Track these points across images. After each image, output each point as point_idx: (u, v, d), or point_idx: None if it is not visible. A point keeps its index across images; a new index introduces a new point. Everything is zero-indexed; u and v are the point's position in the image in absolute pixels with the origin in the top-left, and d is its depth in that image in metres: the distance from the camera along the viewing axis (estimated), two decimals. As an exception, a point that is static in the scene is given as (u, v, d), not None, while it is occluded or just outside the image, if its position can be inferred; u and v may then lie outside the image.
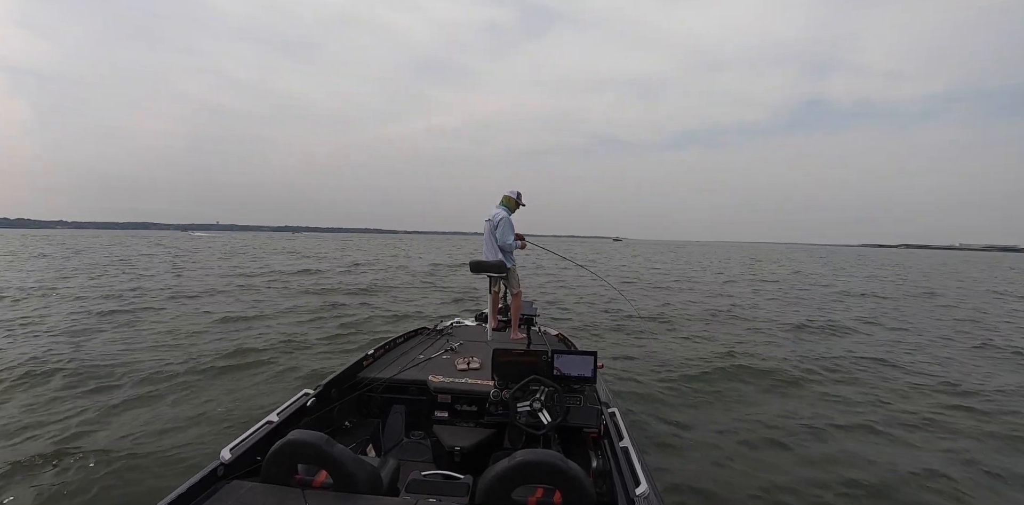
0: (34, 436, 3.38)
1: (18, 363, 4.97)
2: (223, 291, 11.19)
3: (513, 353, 2.45)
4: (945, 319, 9.90)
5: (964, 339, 7.71)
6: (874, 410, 4.27)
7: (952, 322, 9.53)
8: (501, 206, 4.56)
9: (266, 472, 1.63)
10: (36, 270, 15.85)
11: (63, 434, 3.40)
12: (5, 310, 8.23)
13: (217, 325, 7.33)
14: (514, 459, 1.48)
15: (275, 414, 2.17)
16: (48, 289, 10.96)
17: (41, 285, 11.70)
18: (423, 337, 4.16)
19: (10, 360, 5.08)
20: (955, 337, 7.87)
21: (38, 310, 8.28)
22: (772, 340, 7.24)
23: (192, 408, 3.95)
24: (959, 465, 3.28)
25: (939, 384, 5.08)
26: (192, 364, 5.10)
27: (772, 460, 3.30)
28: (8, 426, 3.53)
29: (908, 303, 12.51)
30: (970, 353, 6.75)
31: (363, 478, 1.57)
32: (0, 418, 3.68)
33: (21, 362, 5.00)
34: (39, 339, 6.19)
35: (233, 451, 1.80)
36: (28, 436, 3.38)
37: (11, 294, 10.00)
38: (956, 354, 6.63)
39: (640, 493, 1.57)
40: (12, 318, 7.51)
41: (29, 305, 8.85)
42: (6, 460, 2.99)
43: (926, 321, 9.55)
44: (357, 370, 3.02)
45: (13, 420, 3.64)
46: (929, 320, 9.71)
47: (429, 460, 2.70)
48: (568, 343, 4.08)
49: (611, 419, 2.20)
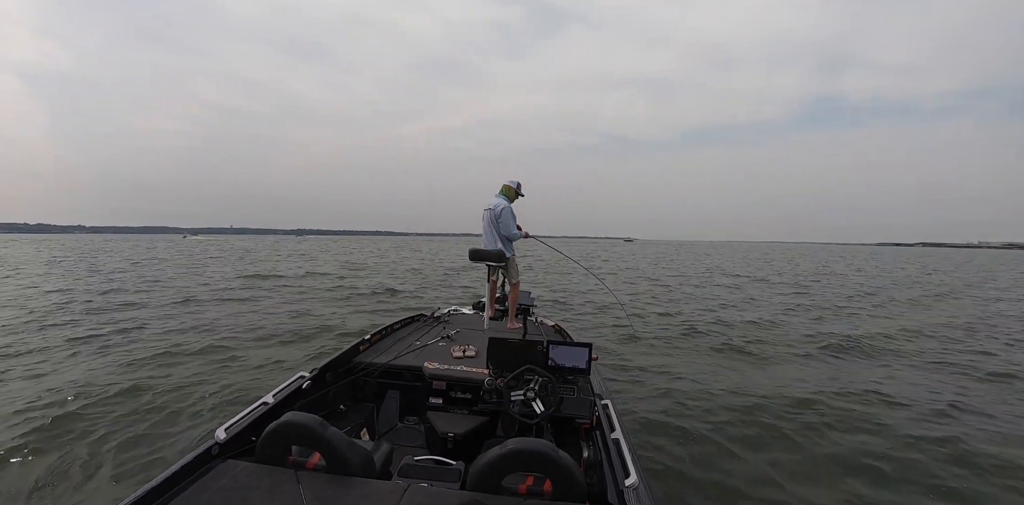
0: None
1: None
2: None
3: (509, 342, 2.46)
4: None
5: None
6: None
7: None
8: (501, 195, 4.54)
9: (260, 452, 1.64)
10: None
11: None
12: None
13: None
14: (506, 447, 1.49)
15: (271, 395, 2.18)
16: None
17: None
18: (420, 324, 4.17)
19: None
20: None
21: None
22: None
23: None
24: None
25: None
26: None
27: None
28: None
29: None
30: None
31: (356, 461, 1.59)
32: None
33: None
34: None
35: (228, 431, 1.82)
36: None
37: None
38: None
39: (630, 484, 1.59)
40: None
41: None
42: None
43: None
44: (353, 354, 3.03)
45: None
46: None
47: (422, 445, 2.73)
48: (564, 334, 4.10)
49: (604, 411, 2.22)
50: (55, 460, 3.01)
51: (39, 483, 2.76)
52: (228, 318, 7.92)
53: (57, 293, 10.84)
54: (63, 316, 7.92)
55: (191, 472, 1.58)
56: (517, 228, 4.51)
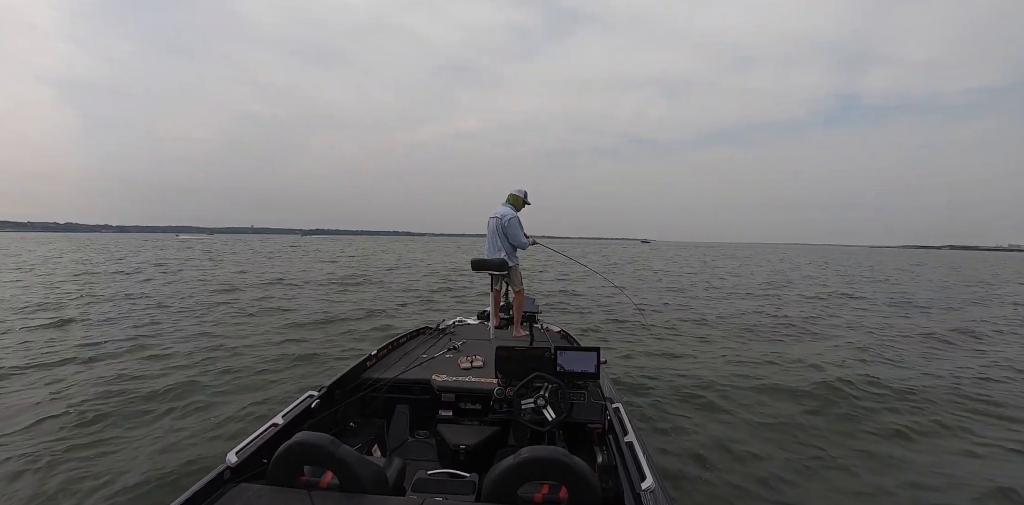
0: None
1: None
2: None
3: (516, 350, 2.45)
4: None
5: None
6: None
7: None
8: (508, 204, 4.52)
9: (272, 474, 1.63)
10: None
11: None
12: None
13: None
14: (519, 456, 1.48)
15: (280, 416, 2.17)
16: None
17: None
18: (425, 336, 4.16)
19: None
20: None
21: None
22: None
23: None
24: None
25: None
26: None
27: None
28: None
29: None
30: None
31: (369, 478, 1.57)
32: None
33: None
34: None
35: (239, 454, 1.80)
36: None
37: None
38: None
39: (646, 488, 1.57)
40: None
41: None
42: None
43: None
44: (361, 371, 3.02)
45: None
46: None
47: (434, 459, 2.71)
48: (571, 340, 4.09)
49: (615, 414, 2.20)
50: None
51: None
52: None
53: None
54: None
55: (204, 498, 1.57)
56: (525, 236, 4.49)
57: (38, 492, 2.74)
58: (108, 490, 2.75)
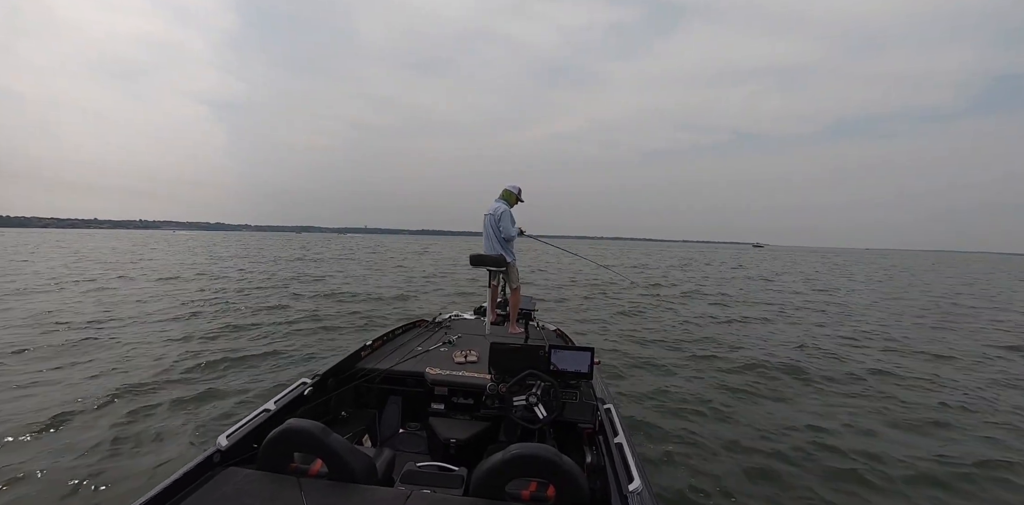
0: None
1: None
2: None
3: (511, 347, 2.46)
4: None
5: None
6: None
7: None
8: (501, 200, 4.63)
9: (262, 459, 1.63)
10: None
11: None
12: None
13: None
14: (509, 452, 1.49)
15: (272, 402, 2.18)
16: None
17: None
18: (421, 329, 4.17)
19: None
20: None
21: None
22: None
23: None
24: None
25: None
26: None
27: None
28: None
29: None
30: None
31: (358, 468, 1.58)
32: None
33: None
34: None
35: (230, 438, 1.81)
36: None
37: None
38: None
39: (633, 489, 1.58)
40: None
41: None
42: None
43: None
44: (355, 360, 3.03)
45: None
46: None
47: (424, 452, 2.72)
48: (566, 339, 4.09)
49: (606, 415, 2.21)
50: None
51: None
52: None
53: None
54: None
55: (193, 480, 1.58)
56: (514, 227, 4.58)
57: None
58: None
